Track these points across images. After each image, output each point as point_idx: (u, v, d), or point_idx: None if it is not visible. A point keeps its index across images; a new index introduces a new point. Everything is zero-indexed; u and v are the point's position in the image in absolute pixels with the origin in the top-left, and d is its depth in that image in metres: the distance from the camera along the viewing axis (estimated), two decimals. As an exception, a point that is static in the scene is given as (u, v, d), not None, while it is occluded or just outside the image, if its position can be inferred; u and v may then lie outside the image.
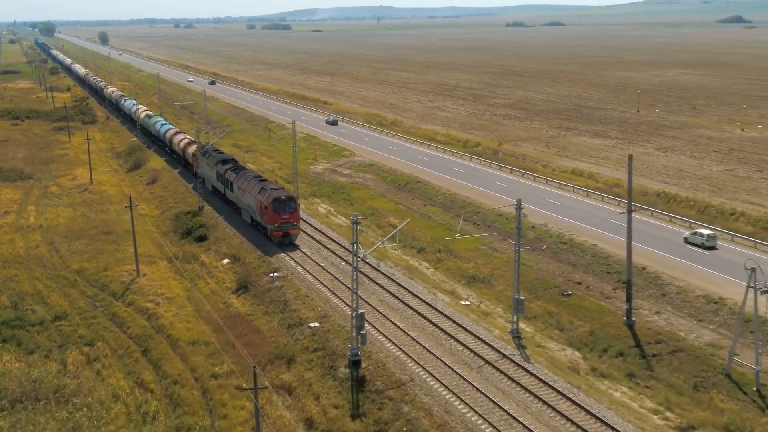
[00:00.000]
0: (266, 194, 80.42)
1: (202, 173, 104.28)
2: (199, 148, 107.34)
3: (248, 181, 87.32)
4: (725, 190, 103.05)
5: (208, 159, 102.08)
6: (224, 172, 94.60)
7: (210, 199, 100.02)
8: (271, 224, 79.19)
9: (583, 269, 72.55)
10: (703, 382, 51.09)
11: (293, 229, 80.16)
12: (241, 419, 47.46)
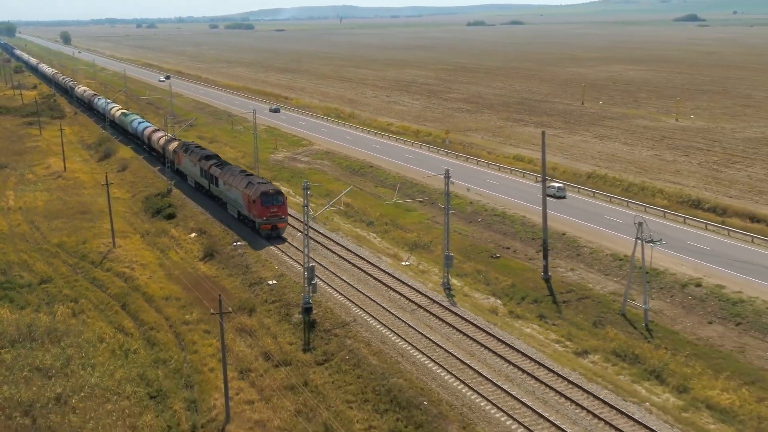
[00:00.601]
0: (254, 188, 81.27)
1: (184, 169, 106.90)
2: (181, 145, 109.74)
3: (234, 176, 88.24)
4: (651, 171, 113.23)
5: (190, 155, 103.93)
6: (208, 168, 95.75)
7: (181, 186, 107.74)
8: (259, 218, 79.96)
9: (511, 236, 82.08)
10: (601, 321, 60.63)
11: (281, 222, 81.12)
12: (209, 353, 56.03)
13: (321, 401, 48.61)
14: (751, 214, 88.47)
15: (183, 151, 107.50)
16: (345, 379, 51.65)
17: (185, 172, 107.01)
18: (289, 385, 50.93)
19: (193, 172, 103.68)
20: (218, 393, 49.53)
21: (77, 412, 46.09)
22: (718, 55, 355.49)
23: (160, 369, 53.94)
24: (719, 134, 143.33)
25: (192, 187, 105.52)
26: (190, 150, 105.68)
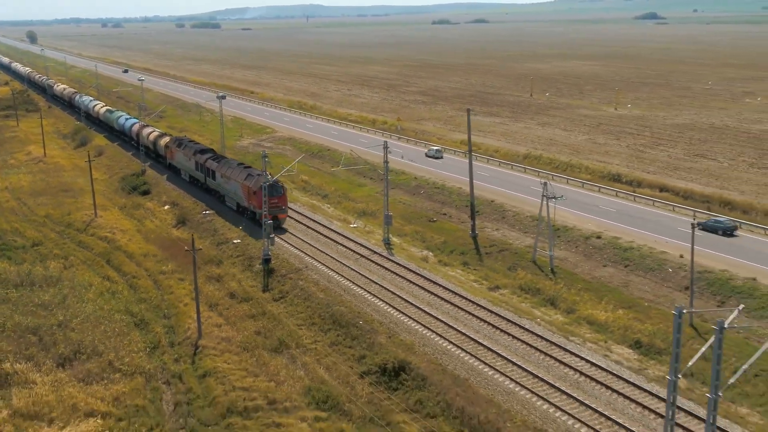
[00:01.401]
0: (254, 180, 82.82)
1: (177, 164, 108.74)
2: (174, 140, 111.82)
3: (232, 168, 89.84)
4: (583, 153, 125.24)
5: (184, 150, 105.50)
6: (204, 162, 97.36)
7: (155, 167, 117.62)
8: (260, 209, 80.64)
9: (448, 205, 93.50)
10: (515, 266, 72.10)
11: (281, 213, 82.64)
12: (183, 294, 66.63)
13: (276, 325, 59.46)
14: (661, 185, 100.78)
15: (176, 146, 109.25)
16: (297, 309, 62.62)
17: (179, 166, 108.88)
18: (250, 314, 61.76)
19: (187, 166, 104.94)
20: (191, 320, 60.16)
21: (76, 331, 56.50)
22: (670, 51, 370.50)
23: (142, 305, 64.48)
24: (651, 121, 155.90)
25: (186, 181, 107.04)
26: (183, 145, 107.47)
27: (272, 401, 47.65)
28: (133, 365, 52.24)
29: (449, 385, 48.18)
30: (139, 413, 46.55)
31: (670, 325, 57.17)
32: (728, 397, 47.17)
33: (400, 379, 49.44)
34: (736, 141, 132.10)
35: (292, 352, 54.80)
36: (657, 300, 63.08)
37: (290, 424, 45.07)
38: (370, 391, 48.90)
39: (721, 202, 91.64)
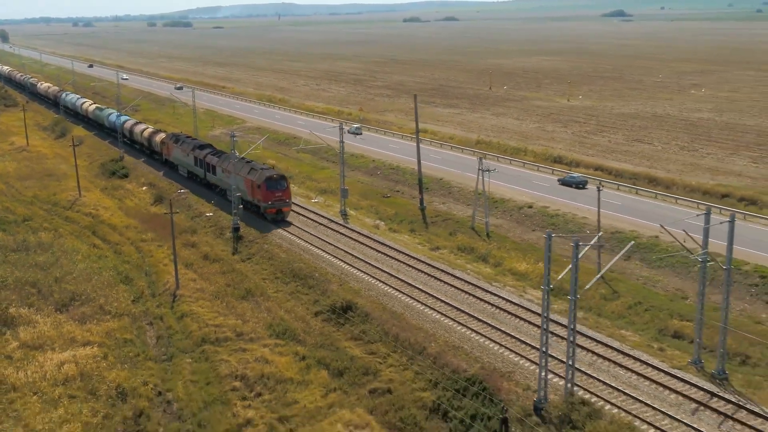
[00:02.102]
0: (257, 174, 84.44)
1: (174, 160, 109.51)
2: (170, 136, 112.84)
3: (234, 163, 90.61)
4: (531, 139, 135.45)
5: (181, 146, 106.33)
6: (204, 157, 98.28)
7: (132, 153, 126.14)
8: (264, 202, 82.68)
9: (402, 183, 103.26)
10: (455, 232, 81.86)
11: (285, 206, 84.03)
12: (162, 257, 75.72)
13: (244, 279, 68.83)
14: (597, 165, 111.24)
15: (173, 142, 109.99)
16: (261, 267, 72.01)
17: (176, 162, 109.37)
18: (221, 271, 71.07)
19: (185, 161, 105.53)
20: (170, 276, 69.29)
21: (70, 284, 65.50)
22: (630, 47, 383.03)
23: (126, 265, 73.56)
24: (599, 111, 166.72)
25: (183, 177, 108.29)
26: (180, 141, 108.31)
27: (239, 333, 57.05)
28: (121, 309, 61.47)
29: (387, 318, 57.85)
30: (128, 344, 55.77)
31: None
32: (618, 325, 57.27)
33: (347, 316, 58.97)
34: (673, 128, 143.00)
35: (257, 299, 64.19)
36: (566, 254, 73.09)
37: (254, 349, 54.45)
38: (321, 326, 58.46)
39: (647, 179, 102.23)
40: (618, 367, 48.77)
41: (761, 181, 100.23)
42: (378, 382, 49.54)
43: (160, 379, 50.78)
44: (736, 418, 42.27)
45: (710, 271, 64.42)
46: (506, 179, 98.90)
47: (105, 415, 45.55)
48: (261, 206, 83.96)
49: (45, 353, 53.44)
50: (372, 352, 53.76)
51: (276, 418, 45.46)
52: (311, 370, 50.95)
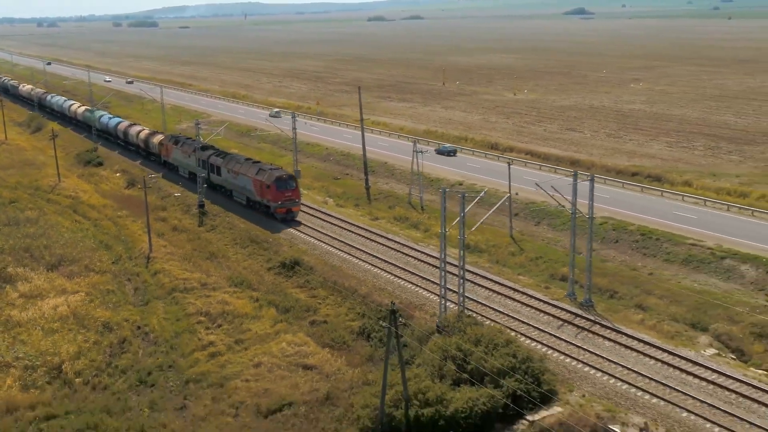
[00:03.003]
0: (266, 174, 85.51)
1: (174, 161, 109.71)
2: (169, 137, 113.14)
3: (240, 163, 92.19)
4: (474, 129, 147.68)
5: (182, 147, 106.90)
6: (208, 158, 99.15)
7: (107, 145, 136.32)
8: (274, 202, 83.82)
9: (351, 167, 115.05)
10: (394, 205, 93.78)
11: (295, 206, 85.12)
12: (136, 229, 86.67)
13: (208, 244, 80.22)
14: (528, 150, 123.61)
15: (172, 144, 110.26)
16: (224, 235, 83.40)
17: (176, 163, 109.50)
18: (188, 239, 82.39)
19: (186, 163, 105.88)
20: (144, 244, 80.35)
21: (59, 249, 76.45)
22: (585, 44, 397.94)
23: (105, 235, 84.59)
24: (541, 104, 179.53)
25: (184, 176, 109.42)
26: (180, 142, 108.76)
27: (204, 284, 68.50)
28: (103, 268, 72.66)
29: (328, 270, 69.65)
30: (110, 293, 66.98)
31: (492, 236, 79.77)
32: (518, 272, 69.49)
33: (294, 270, 70.62)
34: (605, 118, 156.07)
35: (219, 260, 75.65)
36: (492, 222, 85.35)
37: (216, 295, 65.90)
38: (273, 278, 70.09)
39: (571, 161, 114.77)
40: (507, 299, 61.03)
41: (670, 162, 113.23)
42: (317, 316, 61.28)
43: (139, 317, 62.06)
44: (590, 330, 54.58)
45: (601, 231, 77.39)
46: (444, 163, 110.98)
47: (95, 341, 56.78)
48: (271, 206, 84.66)
49: (42, 300, 64.48)
50: (314, 295, 65.49)
51: (233, 341, 57.02)
52: (263, 309, 62.51)
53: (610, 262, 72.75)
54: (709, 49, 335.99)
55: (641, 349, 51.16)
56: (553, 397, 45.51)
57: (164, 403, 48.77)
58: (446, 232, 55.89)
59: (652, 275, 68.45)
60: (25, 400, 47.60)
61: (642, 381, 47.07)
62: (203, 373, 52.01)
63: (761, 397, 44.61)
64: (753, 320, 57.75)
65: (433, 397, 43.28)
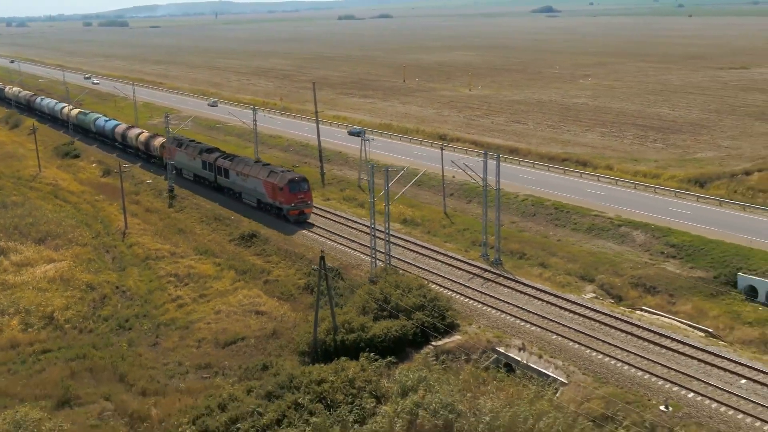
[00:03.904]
0: (278, 177, 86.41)
1: (177, 164, 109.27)
2: (171, 140, 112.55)
3: (249, 166, 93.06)
4: (427, 122, 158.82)
5: (186, 149, 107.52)
6: (214, 161, 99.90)
7: (84, 140, 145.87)
8: (287, 204, 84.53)
9: (310, 157, 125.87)
10: (345, 188, 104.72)
11: (307, 208, 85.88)
12: (112, 211, 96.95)
13: (177, 222, 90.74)
14: (473, 141, 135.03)
15: (175, 146, 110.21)
16: (191, 214, 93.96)
17: (179, 166, 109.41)
18: (159, 218, 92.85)
19: (191, 165, 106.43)
20: (120, 222, 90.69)
21: (44, 227, 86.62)
22: (546, 42, 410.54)
23: (85, 215, 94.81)
24: (493, 99, 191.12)
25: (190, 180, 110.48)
26: (184, 144, 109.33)
27: (173, 253, 79.12)
28: (84, 241, 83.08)
29: (281, 240, 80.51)
30: (92, 261, 77.37)
31: (429, 213, 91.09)
32: (445, 240, 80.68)
33: (252, 240, 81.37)
34: (550, 111, 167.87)
35: (187, 234, 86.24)
36: (429, 201, 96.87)
37: (184, 261, 76.55)
38: (234, 248, 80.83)
39: (510, 149, 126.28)
40: (431, 260, 72.31)
41: (599, 149, 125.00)
42: (270, 277, 72.14)
43: (117, 280, 72.60)
44: (494, 281, 65.96)
45: (522, 206, 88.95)
46: (394, 151, 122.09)
47: (80, 297, 67.28)
48: (284, 208, 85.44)
49: (32, 267, 74.77)
50: (268, 261, 76.34)
51: (198, 295, 67.79)
52: (224, 271, 73.30)
53: (527, 231, 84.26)
54: (661, 46, 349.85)
55: (532, 294, 62.56)
56: (455, 328, 56.70)
57: (140, 340, 59.45)
58: (374, 200, 66.71)
59: (559, 241, 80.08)
60: (25, 339, 58.11)
61: (527, 315, 58.41)
62: (172, 319, 62.74)
63: (618, 325, 56.06)
64: (634, 273, 69.47)
65: (356, 326, 54.38)
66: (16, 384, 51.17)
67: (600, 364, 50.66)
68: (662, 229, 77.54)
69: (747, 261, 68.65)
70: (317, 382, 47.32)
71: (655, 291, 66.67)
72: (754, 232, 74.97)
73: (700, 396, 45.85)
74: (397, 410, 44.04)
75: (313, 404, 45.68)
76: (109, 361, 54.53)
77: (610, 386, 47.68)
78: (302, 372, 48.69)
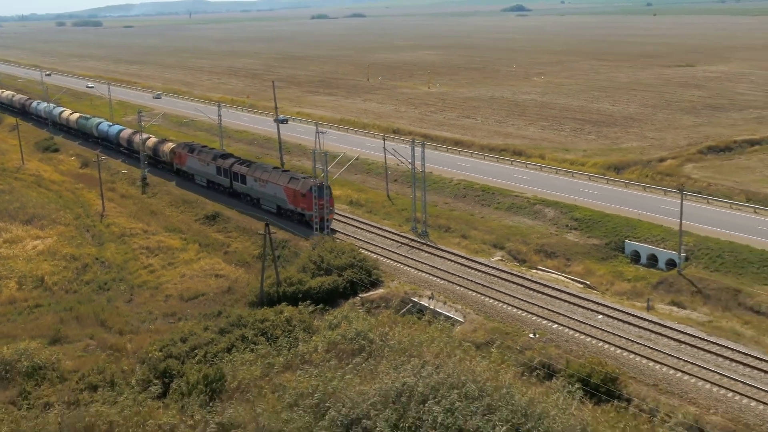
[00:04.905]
0: (300, 183, 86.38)
1: (189, 169, 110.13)
2: (183, 146, 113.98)
3: (268, 172, 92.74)
4: (384, 117, 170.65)
5: (199, 155, 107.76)
6: (230, 167, 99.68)
7: (68, 137, 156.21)
8: (309, 211, 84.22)
9: (272, 149, 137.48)
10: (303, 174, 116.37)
11: (330, 214, 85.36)
12: (91, 197, 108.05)
13: (150, 205, 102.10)
14: (424, 134, 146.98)
15: (187, 152, 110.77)
16: (162, 199, 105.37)
17: (191, 172, 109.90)
18: (133, 203, 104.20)
19: (204, 171, 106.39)
20: (98, 206, 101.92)
21: (30, 210, 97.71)
22: (510, 41, 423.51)
23: (66, 201, 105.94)
24: (449, 96, 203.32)
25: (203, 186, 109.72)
26: (196, 150, 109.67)
27: (145, 231, 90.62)
28: (67, 222, 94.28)
29: (239, 219, 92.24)
30: (74, 238, 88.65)
31: (374, 196, 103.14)
32: (383, 218, 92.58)
33: (216, 220, 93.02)
34: (499, 107, 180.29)
35: (158, 216, 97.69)
36: (376, 186, 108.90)
37: (154, 237, 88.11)
38: (199, 226, 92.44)
39: (454, 141, 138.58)
40: (367, 232, 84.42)
41: (537, 141, 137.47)
42: (229, 249, 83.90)
43: (96, 252, 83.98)
44: (418, 248, 78.12)
45: (455, 189, 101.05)
46: (350, 143, 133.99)
47: (65, 266, 78.63)
48: (306, 215, 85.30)
49: (22, 243, 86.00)
50: (228, 236, 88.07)
51: (167, 263, 79.43)
52: (189, 245, 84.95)
53: (456, 210, 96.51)
54: (620, 44, 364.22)
55: (447, 258, 74.79)
56: (379, 283, 68.76)
57: (117, 298, 71.09)
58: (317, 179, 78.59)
59: (482, 218, 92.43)
60: (21, 296, 69.55)
61: (439, 273, 70.62)
62: (144, 282, 74.41)
63: (512, 279, 68.38)
64: (539, 242, 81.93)
65: (295, 280, 66.34)
66: (16, 328, 62.54)
67: (491, 307, 62.91)
68: (569, 206, 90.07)
69: (634, 231, 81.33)
70: (261, 320, 59.19)
71: (554, 256, 79.13)
72: (644, 208, 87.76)
73: (564, 327, 58.19)
74: (322, 339, 55.97)
75: (257, 337, 57.49)
76: (91, 311, 65.99)
77: (496, 322, 59.86)
78: (249, 314, 60.60)
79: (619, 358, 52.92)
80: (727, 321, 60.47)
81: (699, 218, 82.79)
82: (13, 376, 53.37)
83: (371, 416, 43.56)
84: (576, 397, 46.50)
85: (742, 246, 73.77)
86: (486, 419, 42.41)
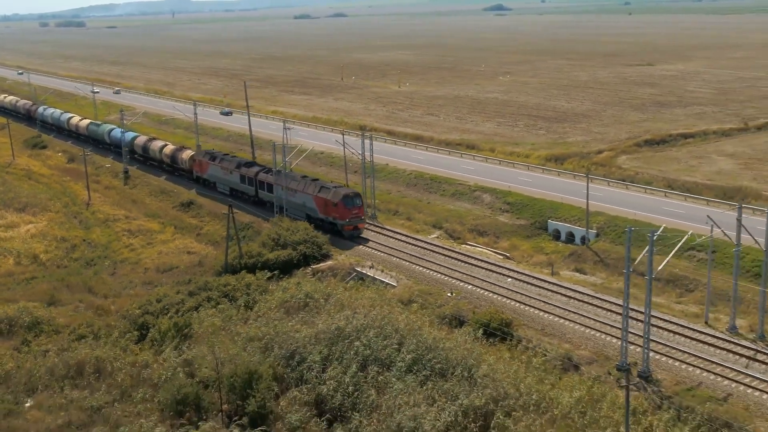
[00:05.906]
0: (331, 192, 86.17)
1: (210, 177, 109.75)
2: (203, 153, 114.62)
3: (297, 181, 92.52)
4: (353, 115, 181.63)
5: (221, 163, 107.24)
6: (255, 175, 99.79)
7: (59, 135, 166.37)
8: (341, 220, 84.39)
9: (246, 145, 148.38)
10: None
11: (361, 223, 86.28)
12: (78, 189, 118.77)
13: (131, 195, 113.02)
14: (388, 131, 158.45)
15: (208, 160, 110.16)
16: (143, 190, 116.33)
17: (213, 180, 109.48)
18: (117, 193, 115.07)
19: (227, 179, 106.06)
20: (84, 196, 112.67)
21: (23, 199, 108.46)
22: (483, 40, 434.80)
23: (55, 192, 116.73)
24: (417, 94, 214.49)
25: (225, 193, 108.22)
26: (218, 158, 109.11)
27: (127, 216, 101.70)
28: (56, 209, 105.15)
29: (214, 207, 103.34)
30: (63, 223, 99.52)
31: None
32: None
33: (191, 206, 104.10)
34: (462, 104, 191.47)
35: (139, 204, 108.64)
36: (336, 176, 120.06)
37: (135, 222, 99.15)
38: (175, 212, 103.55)
39: (415, 137, 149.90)
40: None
41: (490, 136, 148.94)
42: (201, 231, 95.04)
43: (84, 235, 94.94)
44: (366, 228, 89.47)
45: (408, 178, 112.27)
46: (317, 139, 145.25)
47: (56, 246, 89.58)
48: (338, 224, 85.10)
49: (16, 227, 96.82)
50: (201, 221, 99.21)
51: (146, 243, 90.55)
52: (166, 227, 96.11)
53: (407, 197, 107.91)
54: (588, 44, 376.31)
55: (390, 235, 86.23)
56: (329, 256, 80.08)
57: (102, 272, 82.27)
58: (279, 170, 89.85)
59: (429, 203, 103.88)
60: (18, 270, 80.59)
61: (381, 248, 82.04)
62: (126, 258, 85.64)
63: (443, 252, 79.88)
64: (474, 222, 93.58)
65: (255, 253, 77.65)
66: (15, 294, 73.56)
67: (420, 273, 74.42)
68: (505, 192, 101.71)
69: (556, 212, 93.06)
70: (224, 285, 70.49)
71: (486, 234, 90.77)
72: (568, 192, 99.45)
73: (477, 288, 69.75)
74: (275, 299, 67.29)
75: (221, 298, 68.75)
76: (80, 281, 77.04)
77: (423, 285, 71.32)
78: (214, 280, 71.90)
79: (516, 310, 64.53)
80: (618, 283, 72.08)
81: (615, 201, 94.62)
82: (16, 329, 64.34)
83: (308, 349, 55.00)
84: (476, 336, 57.97)
85: (644, 223, 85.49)
86: (396, 349, 53.90)
